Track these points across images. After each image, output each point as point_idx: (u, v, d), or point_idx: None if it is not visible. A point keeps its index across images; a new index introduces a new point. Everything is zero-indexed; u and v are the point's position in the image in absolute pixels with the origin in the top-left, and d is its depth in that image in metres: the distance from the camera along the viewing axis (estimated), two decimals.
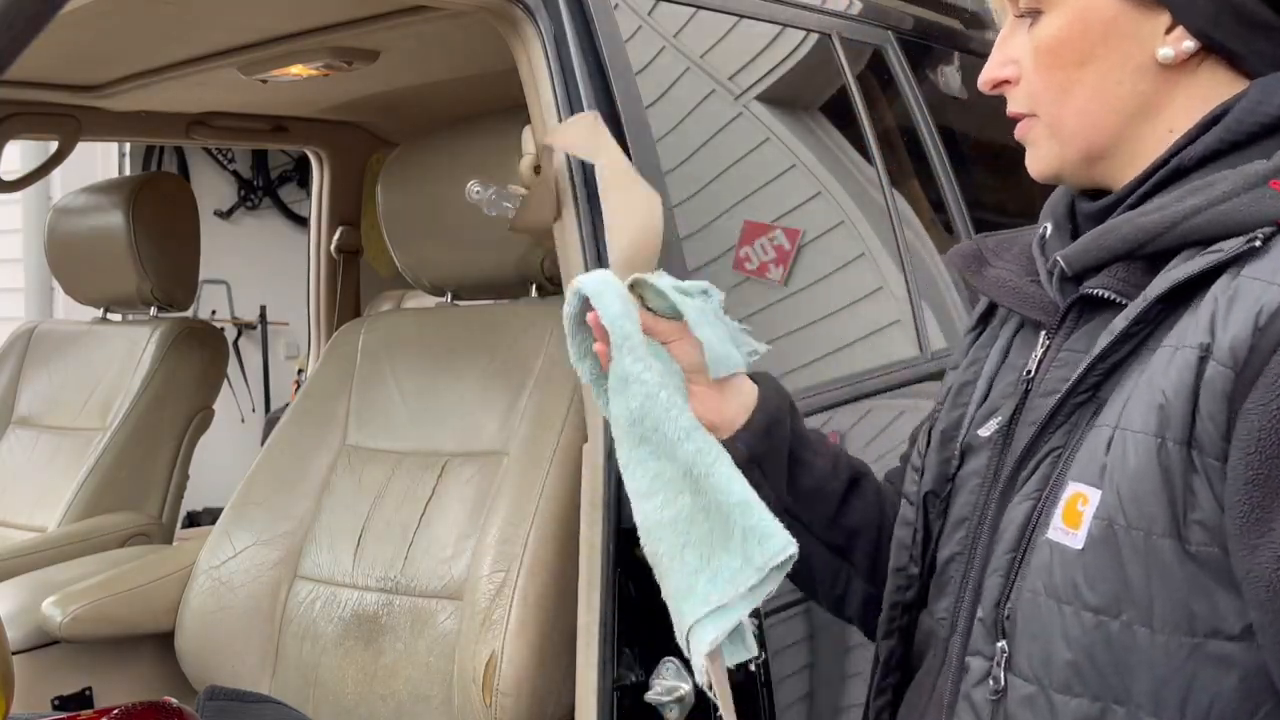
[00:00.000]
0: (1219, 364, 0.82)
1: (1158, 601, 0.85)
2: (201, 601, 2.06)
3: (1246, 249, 0.84)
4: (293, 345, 6.04)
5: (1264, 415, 0.80)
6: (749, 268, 1.86)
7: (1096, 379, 0.90)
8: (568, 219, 1.58)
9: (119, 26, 1.92)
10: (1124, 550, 0.86)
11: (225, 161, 5.94)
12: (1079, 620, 0.87)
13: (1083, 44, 0.93)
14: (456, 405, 2.00)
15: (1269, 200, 0.85)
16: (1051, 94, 0.96)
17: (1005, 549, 0.94)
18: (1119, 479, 0.86)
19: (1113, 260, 0.92)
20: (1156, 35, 0.92)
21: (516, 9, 1.58)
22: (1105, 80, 0.93)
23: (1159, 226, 0.89)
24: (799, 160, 2.06)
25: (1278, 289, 0.81)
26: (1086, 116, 0.95)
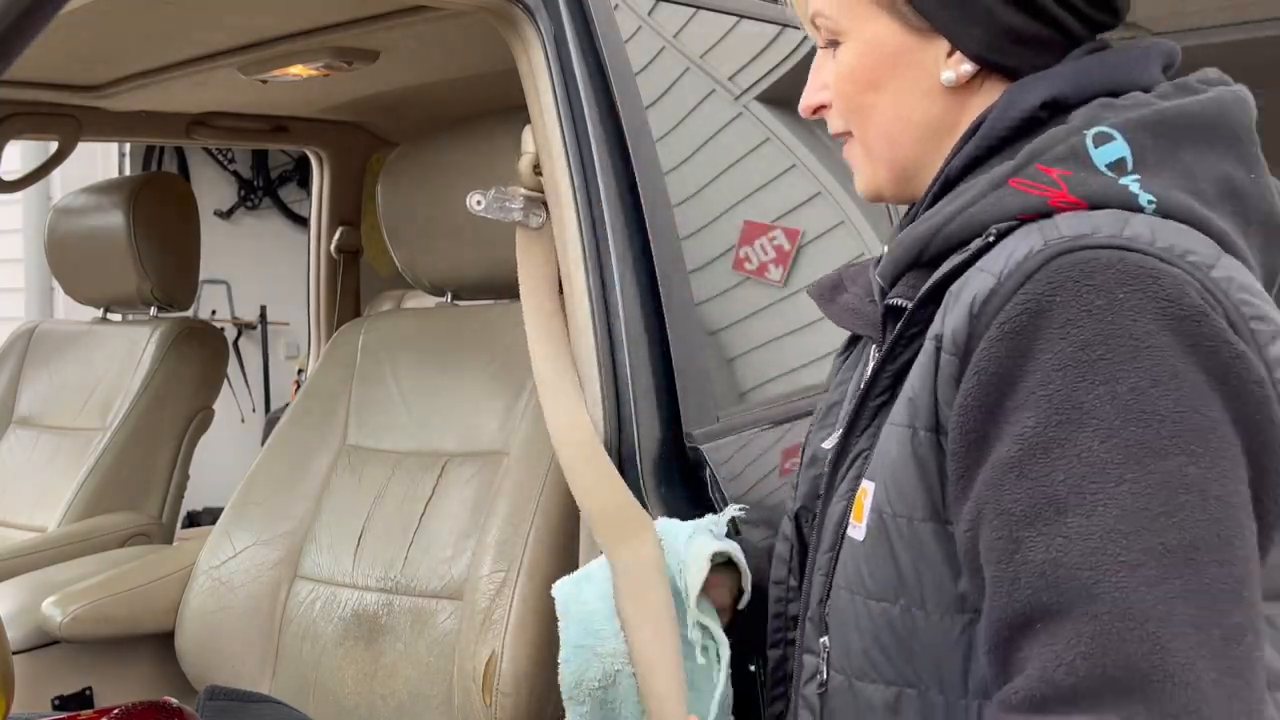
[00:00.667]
0: (947, 353, 0.88)
1: (927, 585, 0.91)
2: (201, 601, 2.06)
3: (984, 245, 0.90)
4: (293, 345, 6.04)
5: (964, 393, 0.85)
6: (749, 268, 1.86)
7: (888, 381, 0.97)
8: (568, 219, 1.58)
9: (119, 26, 1.92)
10: (893, 538, 0.92)
11: (225, 161, 5.94)
12: (867, 609, 0.94)
13: (875, 71, 1.01)
14: (456, 405, 2.00)
15: (1008, 198, 0.91)
16: (856, 117, 1.04)
17: (825, 549, 1.01)
18: (884, 471, 0.93)
19: (905, 270, 0.99)
20: (939, 60, 0.99)
21: (516, 9, 1.58)
22: (899, 104, 1.01)
23: (926, 235, 0.96)
24: (799, 160, 2.06)
25: (988, 276, 0.86)
26: (887, 137, 1.03)
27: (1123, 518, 0.77)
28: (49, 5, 0.75)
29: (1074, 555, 0.78)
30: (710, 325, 1.77)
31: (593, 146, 1.58)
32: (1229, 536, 0.78)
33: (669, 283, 1.60)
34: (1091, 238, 0.83)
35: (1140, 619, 0.75)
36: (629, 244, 1.58)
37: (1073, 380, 0.80)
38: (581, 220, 1.56)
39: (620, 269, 1.56)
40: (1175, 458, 0.78)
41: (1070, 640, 0.77)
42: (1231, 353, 0.81)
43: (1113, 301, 0.80)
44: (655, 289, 1.59)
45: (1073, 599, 0.77)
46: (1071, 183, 0.89)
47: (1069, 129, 0.92)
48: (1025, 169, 0.91)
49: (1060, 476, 0.79)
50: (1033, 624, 0.79)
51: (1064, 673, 0.77)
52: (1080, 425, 0.79)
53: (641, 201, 1.60)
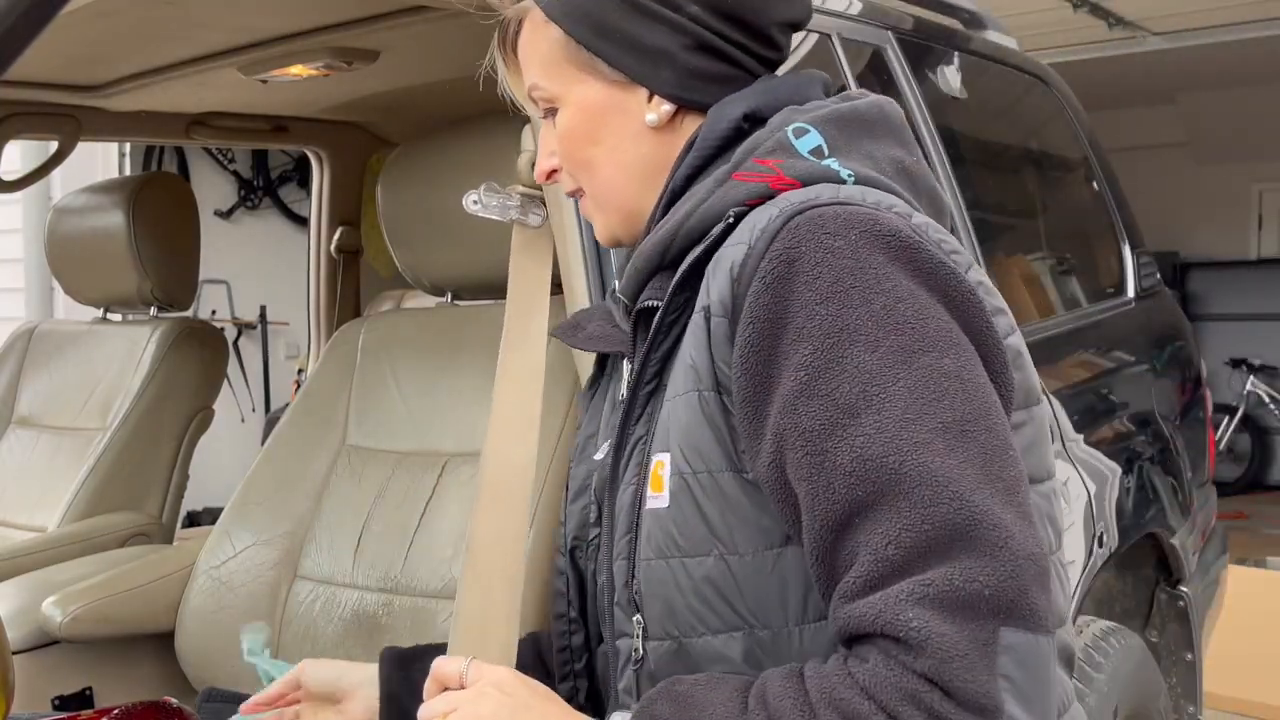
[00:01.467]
0: (717, 316, 1.01)
1: (736, 530, 1.01)
2: (201, 601, 2.06)
3: (724, 229, 1.04)
4: (293, 345, 6.04)
5: (740, 344, 0.97)
6: None
7: (655, 368, 1.08)
8: (568, 219, 1.58)
9: (119, 26, 1.92)
10: (697, 495, 1.02)
11: (225, 161, 5.94)
12: (684, 568, 1.02)
13: (589, 127, 1.15)
14: (456, 405, 2.00)
15: (734, 189, 1.05)
16: (581, 171, 1.17)
17: (621, 534, 1.09)
18: (677, 436, 1.03)
19: (649, 277, 1.11)
20: (642, 106, 1.13)
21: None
22: (615, 152, 1.15)
23: (667, 237, 1.09)
24: None
25: (741, 246, 1.00)
26: (611, 184, 1.16)
27: (908, 408, 0.90)
28: (49, 5, 0.75)
29: (876, 447, 0.89)
30: None
31: None
32: (988, 409, 0.93)
33: None
34: (818, 200, 0.99)
35: (944, 483, 0.87)
36: None
37: (834, 309, 0.93)
38: (581, 220, 1.56)
39: (620, 269, 1.56)
40: (930, 354, 0.93)
41: (891, 520, 0.88)
42: (947, 273, 0.97)
43: (848, 243, 0.95)
44: None
45: (884, 485, 0.88)
46: (784, 168, 1.04)
47: (770, 129, 1.08)
48: (744, 164, 1.06)
49: (845, 387, 0.91)
50: (852, 520, 0.90)
51: (893, 548, 0.87)
52: (851, 343, 0.92)
53: None
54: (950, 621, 0.84)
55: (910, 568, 0.86)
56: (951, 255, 1.00)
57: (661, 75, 1.12)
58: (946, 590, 0.85)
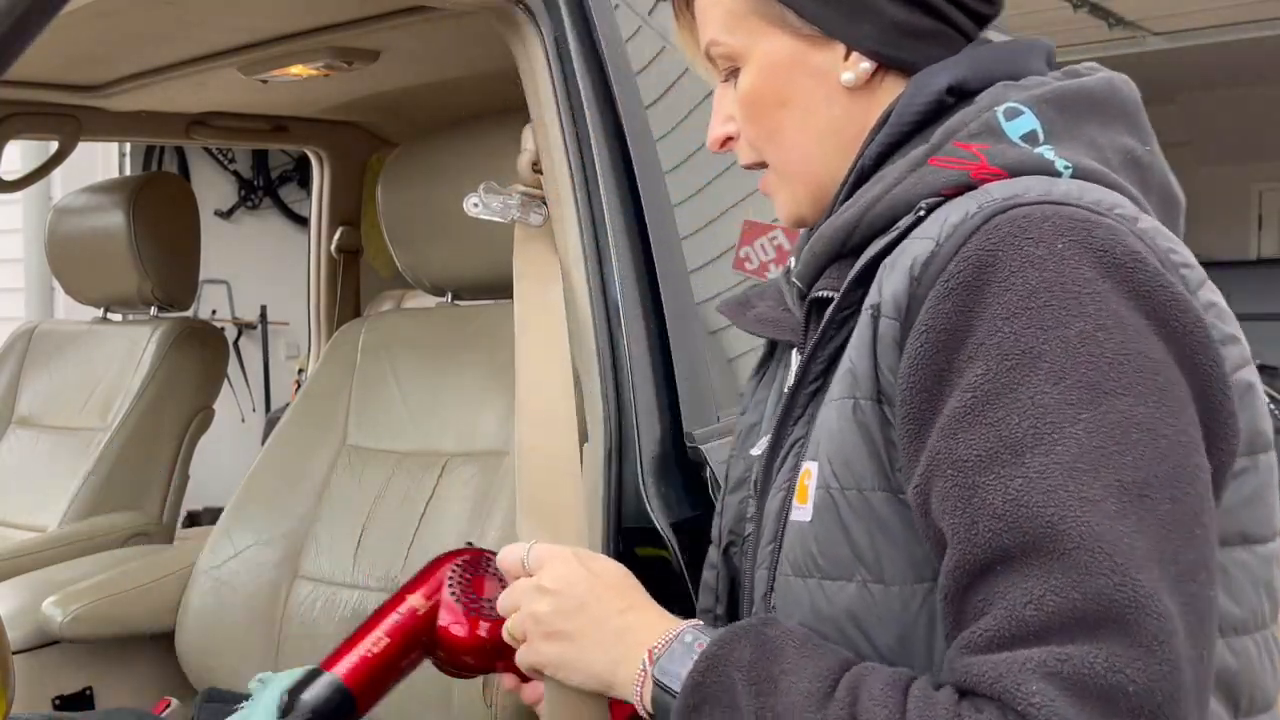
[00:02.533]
0: (887, 318, 0.88)
1: (884, 556, 0.89)
2: (202, 601, 2.06)
3: (914, 221, 0.91)
4: (293, 345, 6.04)
5: (911, 353, 0.85)
6: (749, 268, 1.86)
7: (820, 366, 0.97)
8: (568, 219, 1.58)
9: (119, 26, 1.92)
10: (843, 512, 0.91)
11: (225, 161, 5.94)
12: (822, 590, 0.92)
13: (776, 87, 1.02)
14: (456, 405, 2.00)
15: (929, 175, 0.92)
16: (765, 139, 1.04)
17: (766, 542, 0.99)
18: (828, 446, 0.93)
19: (827, 264, 1.00)
20: (837, 64, 1.00)
21: (517, 10, 1.58)
22: (804, 115, 1.02)
23: (850, 222, 0.97)
24: None
25: (927, 242, 0.87)
26: (800, 152, 1.03)
27: (1081, 455, 0.77)
28: (49, 5, 0.75)
29: (1035, 494, 0.77)
30: (710, 325, 1.77)
31: (593, 146, 1.58)
32: (1179, 474, 0.79)
33: (669, 283, 1.60)
34: (1024, 197, 0.85)
35: (1108, 551, 0.75)
36: (629, 244, 1.58)
37: (1021, 327, 0.80)
38: (581, 220, 1.56)
39: (620, 269, 1.56)
40: (1124, 397, 0.79)
41: (1037, 577, 0.76)
42: (1168, 296, 0.82)
43: (1052, 251, 0.82)
44: (655, 289, 1.59)
45: (1036, 537, 0.77)
46: (990, 154, 0.91)
47: (979, 108, 0.94)
48: (943, 147, 0.93)
49: (1015, 420, 0.79)
50: (993, 567, 0.79)
51: (1032, 609, 0.76)
52: (1032, 369, 0.80)
53: (641, 201, 1.60)
54: (1079, 708, 0.73)
55: (1048, 636, 0.75)
56: (1181, 270, 0.86)
57: (861, 29, 0.99)
58: (1085, 673, 0.74)
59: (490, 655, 1.21)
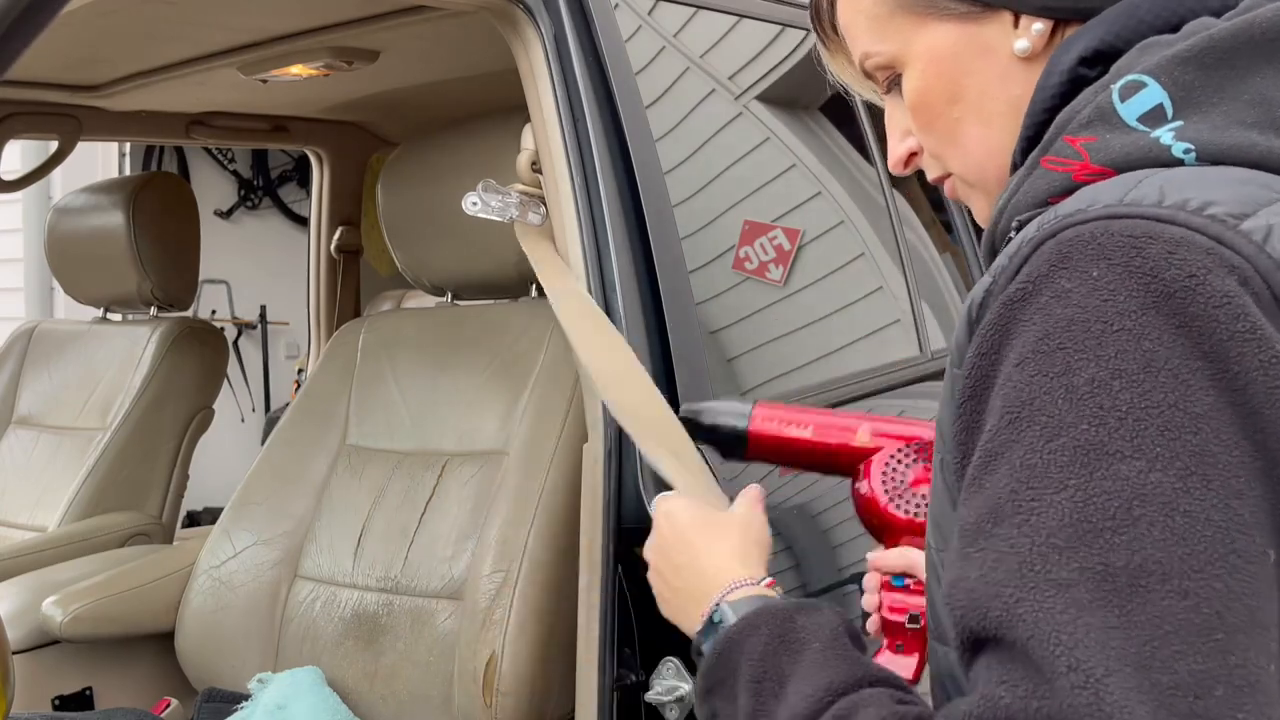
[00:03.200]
0: (952, 367, 0.79)
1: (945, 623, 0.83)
2: (201, 601, 2.06)
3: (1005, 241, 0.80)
4: (293, 345, 6.04)
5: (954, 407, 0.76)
6: (749, 268, 1.86)
7: None
8: (568, 219, 1.58)
9: (119, 26, 1.92)
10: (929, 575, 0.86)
11: (225, 161, 5.94)
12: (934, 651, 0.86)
13: (944, 83, 0.89)
14: (456, 405, 2.00)
15: (1039, 181, 0.80)
16: (944, 143, 0.91)
17: None
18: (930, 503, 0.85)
19: None
20: (1006, 35, 0.86)
21: (517, 9, 1.58)
22: (982, 103, 0.88)
23: (987, 241, 0.87)
24: (799, 160, 2.06)
25: (986, 279, 0.76)
26: (982, 147, 0.89)
27: (1059, 529, 0.65)
28: (49, 5, 0.75)
29: (1001, 572, 0.66)
30: (710, 325, 1.77)
31: (593, 146, 1.58)
32: (1203, 560, 0.63)
33: (669, 282, 1.60)
34: (1084, 212, 0.71)
35: (1067, 645, 0.63)
36: (629, 244, 1.58)
37: (1028, 375, 0.69)
38: (581, 220, 1.56)
39: (620, 269, 1.56)
40: (1134, 461, 0.65)
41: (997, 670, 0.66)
42: (1236, 331, 0.66)
43: (1084, 282, 0.68)
44: (655, 288, 1.59)
45: (995, 622, 0.66)
46: (1094, 150, 0.77)
47: (1098, 85, 0.79)
48: (1055, 144, 0.80)
49: (1001, 483, 0.68)
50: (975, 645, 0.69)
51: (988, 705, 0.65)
52: (1029, 424, 0.68)
53: (641, 201, 1.60)
54: None
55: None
56: None
57: None
58: None
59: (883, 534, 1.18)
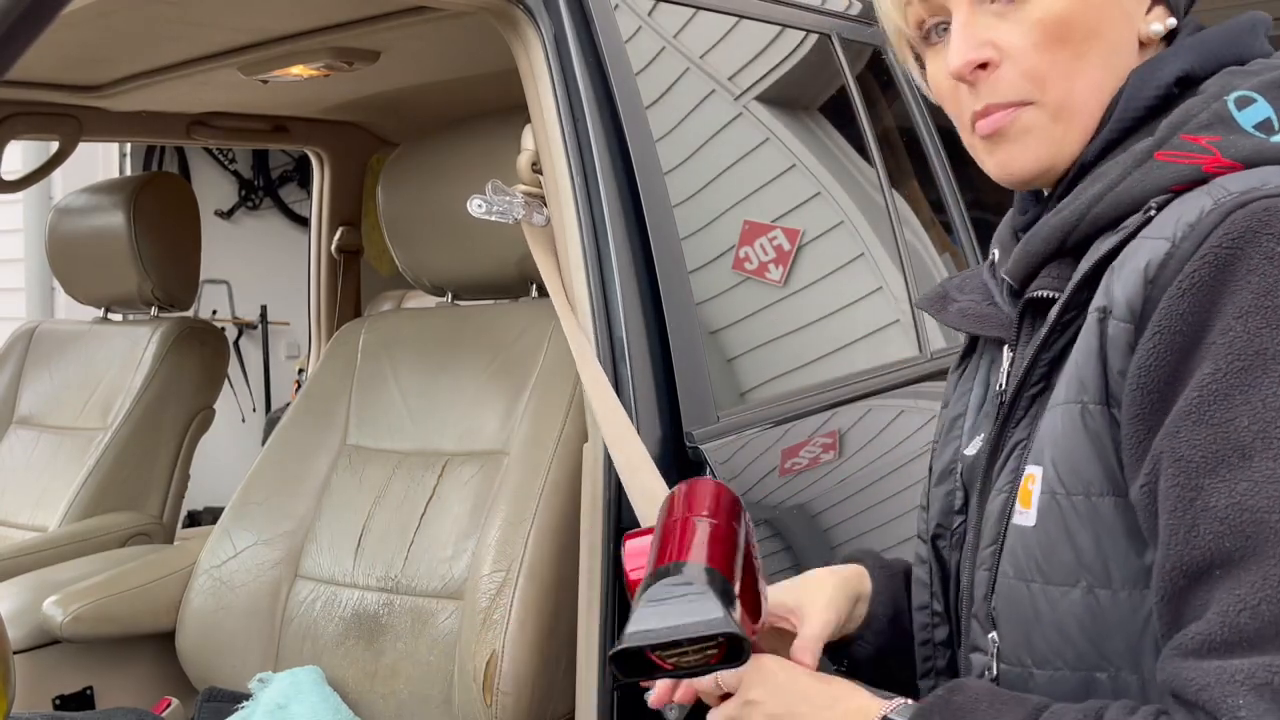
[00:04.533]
0: (1119, 320, 0.86)
1: (1112, 562, 0.88)
2: (202, 601, 2.06)
3: (1144, 220, 0.88)
4: (293, 345, 6.04)
5: (1143, 353, 0.83)
6: (749, 268, 1.86)
7: (1044, 369, 0.94)
8: (568, 219, 1.58)
9: (119, 26, 1.92)
10: (1069, 518, 0.89)
11: (226, 161, 5.94)
12: (1045, 595, 0.91)
13: (1090, 16, 0.94)
14: (457, 405, 2.00)
15: (1156, 171, 0.89)
16: (1060, 70, 0.94)
17: (987, 543, 0.98)
18: (1053, 451, 0.91)
19: (1044, 262, 0.96)
20: (1140, 11, 0.95)
21: (517, 9, 1.58)
22: (1111, 53, 0.95)
23: (1071, 220, 0.93)
24: (799, 160, 2.06)
25: (1163, 242, 0.84)
26: (1098, 91, 0.95)
27: None
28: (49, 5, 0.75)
29: (1261, 499, 0.76)
30: (710, 325, 1.77)
31: (593, 146, 1.58)
32: None
33: (669, 283, 1.60)
34: (1262, 189, 0.82)
35: None
36: (629, 244, 1.58)
37: (1255, 326, 0.78)
38: (581, 220, 1.57)
39: (620, 269, 1.56)
40: None
41: (1255, 584, 0.75)
42: None
43: None
44: (655, 289, 1.59)
45: (1259, 543, 0.76)
46: (1222, 147, 0.87)
47: (1206, 98, 0.90)
48: (1170, 141, 0.89)
49: (1244, 422, 0.78)
50: (1211, 570, 0.78)
51: (1248, 616, 0.75)
52: (1264, 371, 0.78)
53: (641, 201, 1.60)
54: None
55: (1262, 645, 0.74)
56: None
57: None
58: None
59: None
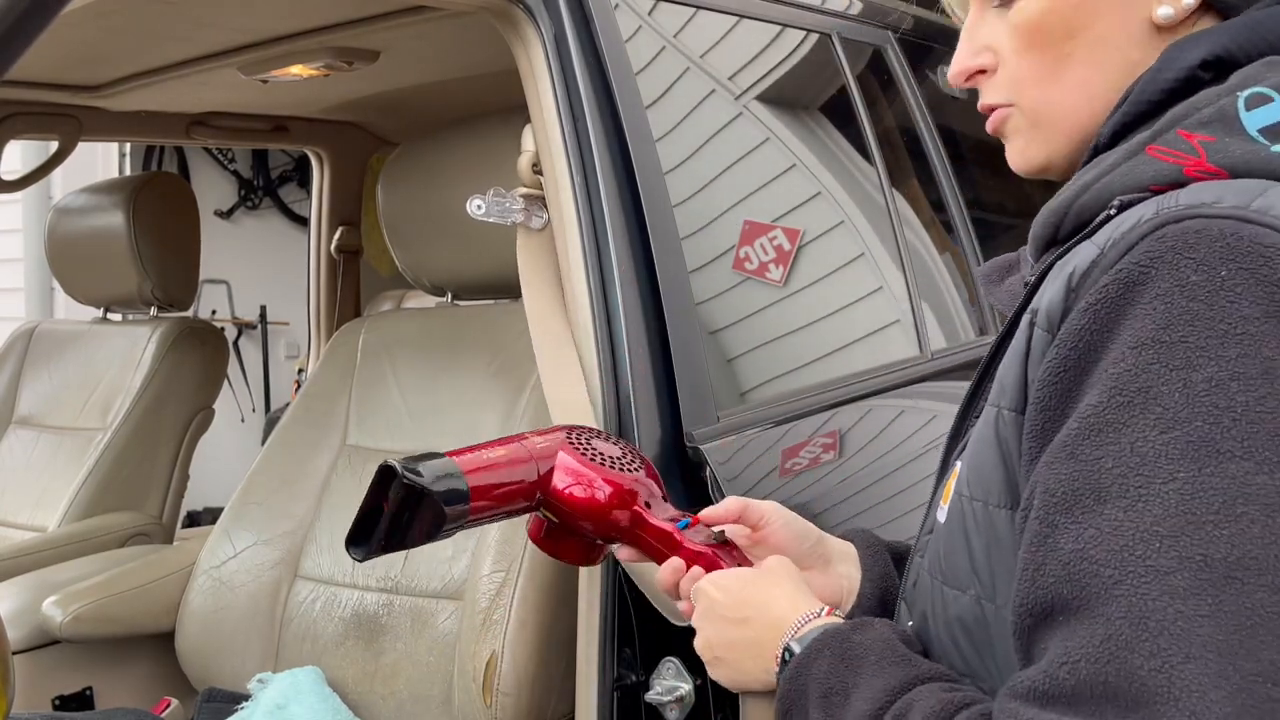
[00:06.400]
0: (1039, 328, 0.81)
1: (999, 576, 0.84)
2: (202, 601, 2.06)
3: (1105, 219, 0.81)
4: (293, 345, 6.04)
5: (1043, 368, 0.78)
6: (749, 268, 1.86)
7: None
8: (568, 219, 1.58)
9: (119, 26, 1.92)
10: (968, 523, 0.86)
11: (225, 161, 5.94)
12: (942, 596, 0.89)
13: (1068, 15, 0.88)
14: (457, 405, 2.00)
15: (1142, 166, 0.82)
16: (1040, 75, 0.90)
17: (924, 531, 0.97)
18: (969, 452, 0.87)
19: (1045, 249, 0.90)
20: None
21: (517, 9, 1.58)
22: (1097, 50, 0.88)
23: (1060, 210, 0.87)
24: (799, 160, 2.06)
25: (1091, 248, 0.79)
26: (1083, 90, 0.89)
27: (1164, 518, 0.69)
28: (49, 5, 0.75)
29: (1101, 550, 0.71)
30: (710, 325, 1.76)
31: (593, 146, 1.58)
32: None
33: (669, 283, 1.60)
34: (1209, 207, 0.74)
35: (1155, 630, 0.68)
36: (629, 244, 1.58)
37: (1145, 361, 0.72)
38: (581, 220, 1.56)
39: (620, 269, 1.56)
40: (1242, 462, 0.69)
41: (1080, 639, 0.71)
42: None
43: (1211, 279, 0.71)
44: (655, 289, 1.59)
45: (1091, 596, 0.71)
46: (1212, 149, 0.79)
47: (1221, 89, 0.82)
48: (1165, 134, 0.82)
49: (1108, 463, 0.72)
50: (1054, 615, 0.73)
51: (1067, 671, 0.71)
52: (1142, 411, 0.71)
53: (641, 201, 1.60)
54: None
55: (1078, 703, 0.70)
56: None
57: None
58: None
59: (603, 517, 1.18)
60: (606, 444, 1.23)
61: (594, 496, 1.16)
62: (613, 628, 1.48)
